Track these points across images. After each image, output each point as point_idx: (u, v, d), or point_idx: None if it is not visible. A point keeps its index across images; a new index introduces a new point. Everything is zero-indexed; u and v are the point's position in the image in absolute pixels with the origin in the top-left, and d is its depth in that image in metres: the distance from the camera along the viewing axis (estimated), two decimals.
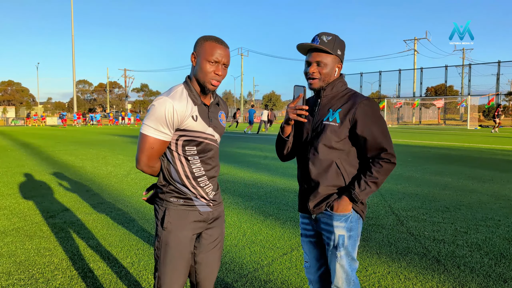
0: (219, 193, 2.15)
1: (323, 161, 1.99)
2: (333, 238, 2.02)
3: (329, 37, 1.98)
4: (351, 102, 1.97)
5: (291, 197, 6.36)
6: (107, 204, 5.96)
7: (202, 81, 1.89)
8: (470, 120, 36.68)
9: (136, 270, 3.51)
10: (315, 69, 1.99)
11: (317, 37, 1.99)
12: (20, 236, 4.48)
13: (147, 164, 1.92)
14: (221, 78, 1.91)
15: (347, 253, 2.02)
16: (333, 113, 1.99)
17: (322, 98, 2.06)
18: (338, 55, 2.01)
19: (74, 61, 50.34)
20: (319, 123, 2.02)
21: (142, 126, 1.90)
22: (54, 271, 3.49)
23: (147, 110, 1.91)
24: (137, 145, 1.95)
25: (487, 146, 15.43)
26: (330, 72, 2.00)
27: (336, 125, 1.97)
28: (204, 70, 1.87)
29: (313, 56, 1.99)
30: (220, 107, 2.11)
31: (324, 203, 2.02)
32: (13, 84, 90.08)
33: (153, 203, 2.07)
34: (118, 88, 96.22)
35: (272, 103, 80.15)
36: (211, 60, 1.87)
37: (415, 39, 53.75)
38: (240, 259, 3.74)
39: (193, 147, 1.94)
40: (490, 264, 3.59)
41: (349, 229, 2.02)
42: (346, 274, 2.03)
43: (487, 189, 6.92)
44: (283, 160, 2.26)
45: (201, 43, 1.90)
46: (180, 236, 1.95)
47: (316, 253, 2.18)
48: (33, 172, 9.23)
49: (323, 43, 1.96)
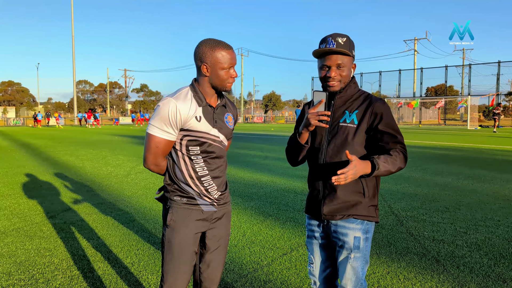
0: (227, 194, 2.18)
1: (341, 164, 1.95)
2: (347, 240, 1.99)
3: (343, 38, 1.94)
4: (367, 102, 1.98)
5: (291, 197, 6.37)
6: (107, 205, 5.96)
7: (221, 86, 1.98)
8: (470, 120, 36.64)
9: (136, 270, 3.51)
10: (336, 73, 1.95)
11: (331, 39, 1.93)
12: (20, 236, 4.49)
13: (153, 162, 2.00)
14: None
15: (363, 256, 2.00)
16: (350, 115, 1.97)
17: (336, 100, 2.02)
18: (353, 55, 2.00)
19: (75, 61, 50.38)
20: (336, 125, 1.99)
21: (148, 126, 1.98)
22: (54, 272, 3.50)
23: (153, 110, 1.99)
24: (144, 144, 2.02)
25: (487, 146, 15.43)
26: (349, 74, 1.99)
27: (354, 126, 1.95)
28: (223, 78, 1.96)
29: (332, 59, 1.93)
30: (228, 109, 2.14)
31: (340, 212, 1.98)
32: (14, 84, 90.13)
33: (164, 201, 2.13)
34: (119, 88, 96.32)
35: (272, 103, 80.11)
36: (226, 68, 1.94)
37: (415, 39, 53.75)
38: (240, 259, 3.75)
39: (196, 147, 1.99)
40: (490, 264, 3.60)
41: (366, 231, 2.01)
42: (356, 276, 2.00)
43: (487, 189, 6.92)
44: (295, 165, 2.19)
45: (210, 54, 1.92)
46: (182, 234, 2.00)
47: (323, 255, 2.15)
48: (34, 172, 9.24)
49: (340, 45, 1.92)
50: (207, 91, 2.00)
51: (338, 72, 1.95)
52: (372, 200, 2.03)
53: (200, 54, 1.94)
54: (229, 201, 2.20)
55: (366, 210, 2.00)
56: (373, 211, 2.03)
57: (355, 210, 1.98)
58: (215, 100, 2.05)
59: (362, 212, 1.99)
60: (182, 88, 2.02)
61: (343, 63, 1.94)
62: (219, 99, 2.08)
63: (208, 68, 1.94)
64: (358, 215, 1.98)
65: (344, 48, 1.92)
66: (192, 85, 2.02)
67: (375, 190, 2.04)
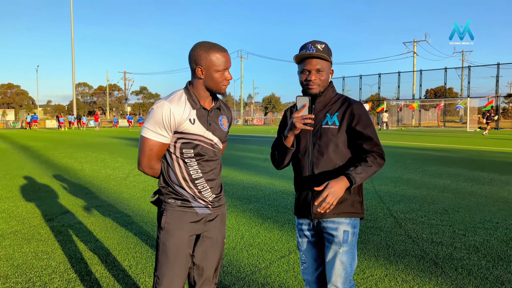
0: (222, 196, 2.18)
1: (327, 165, 2.06)
2: (337, 234, 2.07)
3: (322, 45, 2.06)
4: (346, 104, 2.10)
5: (290, 199, 6.36)
6: (105, 207, 5.95)
7: (215, 89, 2.00)
8: (469, 122, 36.67)
9: (134, 273, 3.51)
10: (316, 77, 2.06)
11: (310, 45, 2.05)
12: (18, 239, 4.48)
13: (147, 165, 2.00)
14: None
15: (350, 250, 2.08)
16: (331, 117, 2.08)
17: (317, 104, 2.13)
18: (331, 61, 2.11)
19: (74, 64, 50.42)
20: (319, 128, 2.09)
21: (142, 129, 1.98)
22: (51, 275, 3.49)
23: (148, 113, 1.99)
24: (138, 147, 2.02)
25: (486, 148, 15.44)
26: (327, 78, 2.10)
27: (336, 127, 2.06)
28: (218, 81, 1.97)
29: (312, 64, 2.04)
30: (222, 112, 2.14)
31: (330, 211, 2.06)
32: (13, 87, 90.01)
33: (159, 205, 2.13)
34: (118, 90, 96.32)
35: (272, 105, 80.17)
36: (221, 70, 1.95)
37: (414, 41, 53.88)
38: (238, 262, 3.74)
39: (190, 149, 2.00)
40: (488, 266, 3.59)
41: (354, 225, 2.10)
42: (345, 272, 2.06)
43: (486, 191, 6.92)
44: (280, 168, 2.29)
45: (205, 56, 1.94)
46: (177, 236, 2.00)
47: (314, 253, 2.21)
48: (32, 175, 9.23)
49: (319, 51, 2.03)
50: (201, 93, 2.01)
51: (318, 76, 2.07)
52: (358, 197, 2.13)
53: (195, 57, 1.95)
54: (224, 203, 2.21)
55: (352, 206, 2.11)
56: (359, 207, 2.13)
57: (342, 208, 2.08)
58: (210, 102, 2.06)
59: (349, 209, 2.10)
60: (176, 91, 2.03)
61: (322, 67, 2.06)
62: (214, 102, 2.09)
63: (203, 70, 1.95)
64: (346, 212, 2.09)
65: (323, 53, 2.04)
66: (186, 88, 2.03)
67: (359, 186, 2.15)
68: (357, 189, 2.13)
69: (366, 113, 2.08)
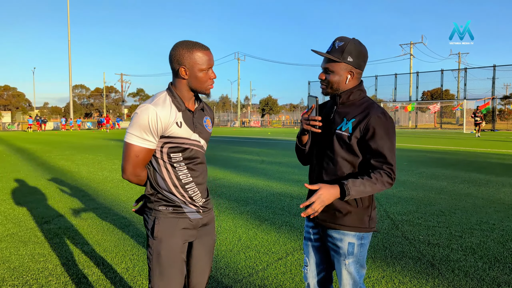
0: (210, 200, 2.13)
1: (335, 172, 1.95)
2: (341, 246, 1.97)
3: (340, 43, 1.91)
4: (365, 112, 1.91)
5: (287, 201, 6.37)
6: (102, 210, 5.94)
7: (200, 89, 1.92)
8: (466, 124, 36.79)
9: (131, 275, 3.50)
10: (323, 76, 1.98)
11: (333, 42, 1.95)
12: (14, 242, 4.46)
13: (132, 173, 1.89)
14: None
15: (357, 261, 1.99)
16: (347, 123, 1.94)
17: (338, 105, 2.01)
18: (348, 62, 1.91)
19: (71, 66, 50.34)
20: (333, 132, 1.97)
21: (126, 135, 1.87)
22: (48, 277, 3.47)
23: (130, 119, 1.88)
24: (122, 154, 1.92)
25: (483, 150, 15.50)
26: (338, 80, 1.94)
27: (347, 135, 1.91)
28: (202, 80, 1.90)
29: (322, 63, 1.98)
30: (205, 113, 2.09)
31: (332, 221, 1.98)
32: (9, 89, 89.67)
33: (143, 214, 2.04)
34: (115, 92, 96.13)
35: (269, 107, 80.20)
36: (205, 69, 1.89)
37: (411, 43, 54.11)
38: (235, 264, 3.74)
39: (179, 153, 1.92)
40: (484, 268, 3.61)
41: (360, 237, 1.98)
42: (353, 281, 2.00)
43: (482, 193, 6.95)
44: (305, 164, 2.25)
45: (188, 55, 1.86)
46: (172, 244, 1.93)
47: (318, 258, 2.15)
48: (29, 177, 9.19)
49: (334, 49, 1.92)
50: (185, 95, 1.93)
51: (326, 76, 1.97)
52: (366, 210, 1.98)
53: (178, 57, 1.87)
54: (212, 207, 2.15)
55: (359, 220, 1.96)
56: (366, 221, 1.98)
57: (347, 221, 1.95)
58: (193, 104, 1.99)
59: (355, 223, 1.95)
60: (159, 93, 1.94)
61: (331, 68, 1.94)
62: (197, 103, 2.02)
63: (186, 70, 1.87)
64: (350, 226, 1.95)
65: (334, 53, 1.92)
66: (169, 89, 1.94)
67: (370, 199, 1.99)
68: (368, 202, 1.97)
69: (384, 126, 1.87)
